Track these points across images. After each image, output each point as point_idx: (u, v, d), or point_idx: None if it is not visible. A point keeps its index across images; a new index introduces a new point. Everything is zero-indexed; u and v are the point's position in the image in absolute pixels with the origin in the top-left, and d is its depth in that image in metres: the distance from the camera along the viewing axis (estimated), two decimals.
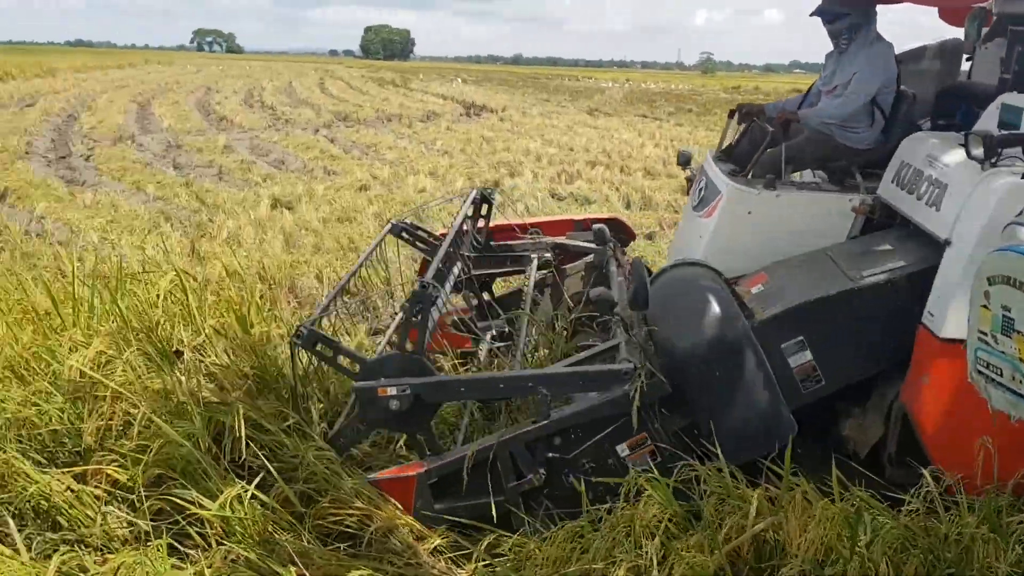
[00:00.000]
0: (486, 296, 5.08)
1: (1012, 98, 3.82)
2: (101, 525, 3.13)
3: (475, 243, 4.96)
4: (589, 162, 15.06)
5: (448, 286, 4.19)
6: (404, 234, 4.83)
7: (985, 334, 2.72)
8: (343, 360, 3.48)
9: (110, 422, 3.50)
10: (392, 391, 3.28)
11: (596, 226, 4.85)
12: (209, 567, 2.85)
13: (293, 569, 2.87)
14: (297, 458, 3.42)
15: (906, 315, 3.44)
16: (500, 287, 5.67)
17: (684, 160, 5.36)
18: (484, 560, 3.15)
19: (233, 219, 9.43)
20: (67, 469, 3.34)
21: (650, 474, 3.18)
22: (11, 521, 2.96)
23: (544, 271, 5.00)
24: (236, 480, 3.24)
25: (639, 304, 3.40)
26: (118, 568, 2.64)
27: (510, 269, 5.17)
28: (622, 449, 3.36)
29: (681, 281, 3.81)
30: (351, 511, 3.23)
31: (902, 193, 3.96)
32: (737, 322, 3.52)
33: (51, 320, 4.27)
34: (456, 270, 4.44)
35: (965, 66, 5.14)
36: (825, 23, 4.67)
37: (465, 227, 4.88)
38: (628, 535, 3.01)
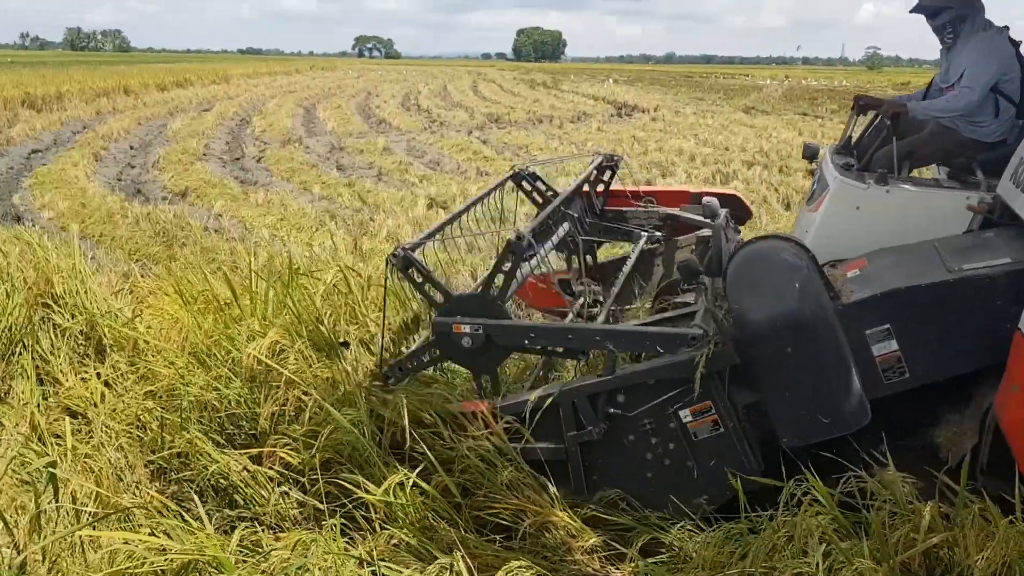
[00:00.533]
0: (589, 260, 5.08)
1: None
2: (274, 504, 3.31)
3: (590, 207, 4.99)
4: (746, 162, 14.66)
5: (550, 243, 4.25)
6: (524, 183, 4.93)
7: None
8: (431, 291, 3.57)
9: (283, 407, 3.69)
10: (466, 328, 3.46)
11: (706, 200, 4.68)
12: (375, 549, 2.96)
13: (458, 554, 2.93)
14: (454, 450, 3.50)
15: (1004, 316, 3.13)
16: (607, 253, 5.70)
17: (810, 154, 5.08)
18: (638, 561, 3.14)
19: (392, 218, 9.77)
20: (244, 451, 3.54)
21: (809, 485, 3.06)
22: (196, 497, 3.17)
23: (653, 244, 4.98)
24: (398, 467, 3.35)
25: (712, 270, 3.37)
26: (294, 545, 2.78)
27: (617, 237, 5.18)
28: (685, 415, 3.34)
29: (763, 252, 3.57)
30: (506, 504, 3.29)
31: (1016, 191, 3.62)
32: (816, 300, 3.32)
33: (231, 310, 4.55)
34: (563, 230, 4.48)
35: None
36: (928, 19, 4.49)
37: (585, 188, 4.96)
38: (789, 541, 2.92)
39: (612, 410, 3.40)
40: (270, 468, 3.46)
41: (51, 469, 2.82)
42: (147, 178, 13.86)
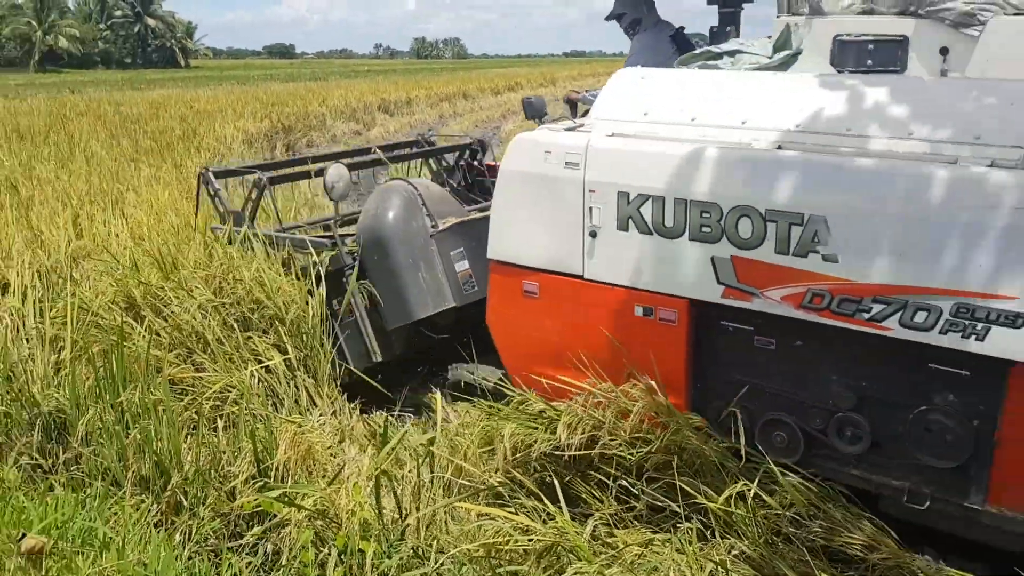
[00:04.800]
0: None
1: None
2: (608, 504, 3.39)
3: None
4: None
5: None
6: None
7: None
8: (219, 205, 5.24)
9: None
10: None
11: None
12: (715, 558, 2.95)
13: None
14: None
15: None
16: None
17: (533, 113, 5.35)
18: None
19: None
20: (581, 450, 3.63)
21: None
22: (557, 484, 3.29)
23: None
24: (739, 477, 3.31)
25: (332, 197, 4.86)
26: (648, 543, 2.85)
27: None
28: (335, 303, 4.69)
29: (383, 188, 4.87)
30: (851, 538, 3.12)
31: None
32: (407, 223, 4.59)
33: None
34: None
35: None
36: (618, 24, 5.38)
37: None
38: None
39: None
40: (600, 467, 3.52)
41: (430, 445, 3.13)
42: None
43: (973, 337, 2.92)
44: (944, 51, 3.99)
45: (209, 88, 31.18)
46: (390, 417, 4.04)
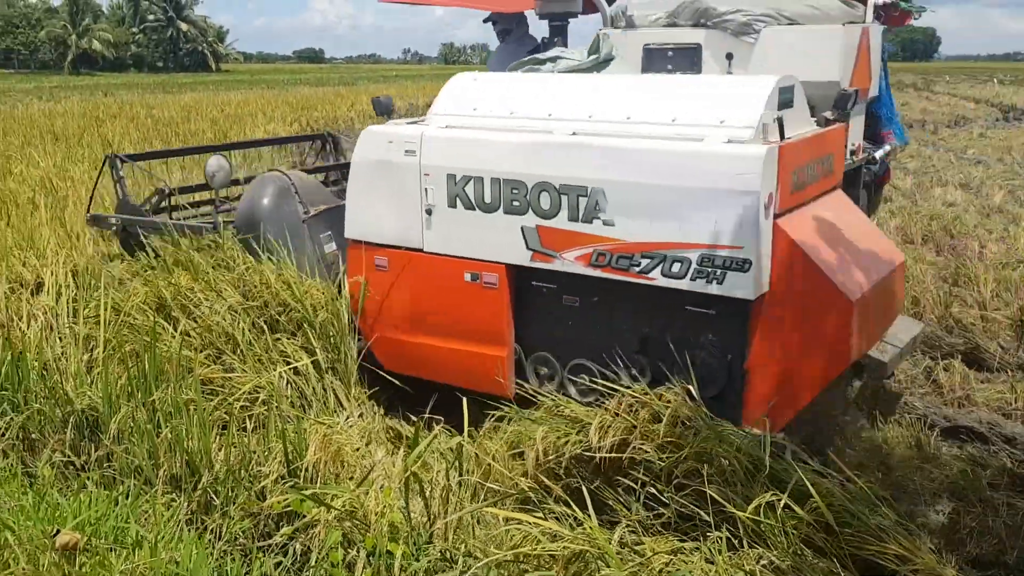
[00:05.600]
0: None
1: None
2: (636, 511, 3.36)
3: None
4: None
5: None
6: (326, 145, 7.52)
7: None
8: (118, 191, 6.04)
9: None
10: (112, 220, 6.01)
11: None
12: (745, 568, 2.92)
13: None
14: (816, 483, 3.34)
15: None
16: None
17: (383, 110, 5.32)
18: None
19: None
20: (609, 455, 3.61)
21: None
22: (585, 490, 3.28)
23: None
24: (769, 486, 3.27)
25: (213, 185, 5.72)
26: (676, 551, 2.83)
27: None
28: None
29: (261, 178, 5.44)
30: (883, 547, 3.08)
31: None
32: (280, 208, 5.16)
33: None
34: None
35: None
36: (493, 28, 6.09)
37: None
38: None
39: None
40: (627, 473, 3.50)
41: (459, 449, 3.13)
42: None
43: (715, 282, 3.59)
44: (729, 56, 4.71)
45: (240, 92, 31.51)
46: (418, 420, 4.03)
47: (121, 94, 30.62)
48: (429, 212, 4.27)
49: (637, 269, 3.72)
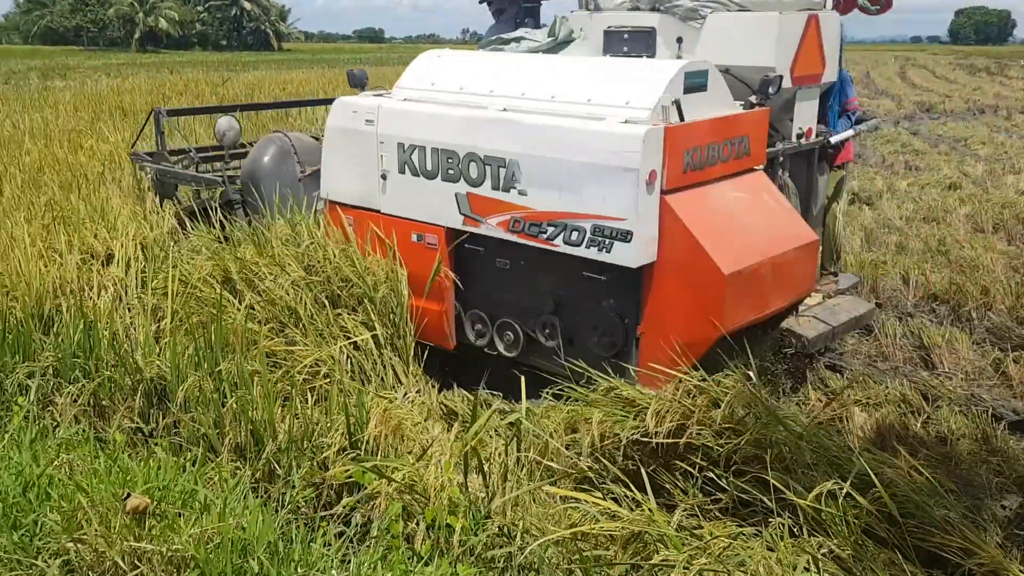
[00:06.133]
0: None
1: None
2: (693, 496, 3.34)
3: None
4: None
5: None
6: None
7: None
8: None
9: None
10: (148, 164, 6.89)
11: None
12: (806, 555, 2.89)
13: None
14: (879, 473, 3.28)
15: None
16: None
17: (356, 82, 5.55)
18: None
19: None
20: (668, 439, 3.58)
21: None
22: (644, 472, 3.27)
23: None
24: (830, 474, 3.23)
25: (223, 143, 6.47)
26: (735, 536, 2.81)
27: None
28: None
29: (265, 138, 6.17)
30: (947, 539, 3.02)
31: None
32: (279, 167, 5.84)
33: None
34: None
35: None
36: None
37: None
38: None
39: None
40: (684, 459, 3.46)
41: (517, 426, 3.14)
42: None
43: (604, 250, 3.94)
44: (679, 40, 4.86)
45: (301, 70, 31.81)
46: (475, 396, 4.06)
47: (186, 72, 31.16)
48: (384, 177, 4.78)
49: (544, 236, 4.14)
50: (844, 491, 3.10)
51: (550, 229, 4.09)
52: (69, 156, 9.29)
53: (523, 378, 3.72)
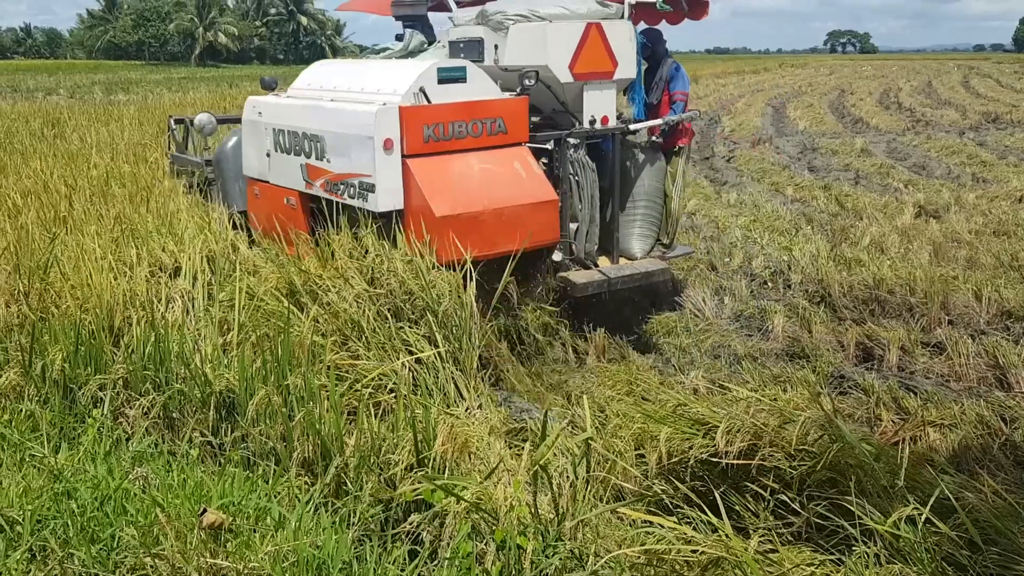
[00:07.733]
0: None
1: None
2: (764, 520, 3.26)
3: None
4: None
5: None
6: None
7: None
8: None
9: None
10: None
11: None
12: None
13: None
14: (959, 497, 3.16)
15: None
16: None
17: (266, 85, 7.12)
18: None
19: (875, 224, 9.21)
20: (739, 459, 3.51)
21: None
22: (717, 493, 3.19)
23: None
24: (908, 500, 3.13)
25: (203, 134, 7.99)
26: (817, 563, 2.73)
27: None
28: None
29: (234, 129, 7.30)
30: None
31: None
32: (238, 151, 7.01)
33: None
34: None
35: None
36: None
37: None
38: None
39: None
40: (756, 479, 3.39)
41: (588, 442, 3.10)
42: None
43: (363, 200, 5.40)
44: (496, 47, 6.07)
45: None
46: (544, 413, 4.02)
47: (245, 85, 31.74)
48: (268, 155, 6.43)
49: (339, 192, 5.64)
50: (923, 516, 3.01)
51: (341, 187, 5.59)
52: (134, 170, 9.49)
53: (585, 397, 3.68)
